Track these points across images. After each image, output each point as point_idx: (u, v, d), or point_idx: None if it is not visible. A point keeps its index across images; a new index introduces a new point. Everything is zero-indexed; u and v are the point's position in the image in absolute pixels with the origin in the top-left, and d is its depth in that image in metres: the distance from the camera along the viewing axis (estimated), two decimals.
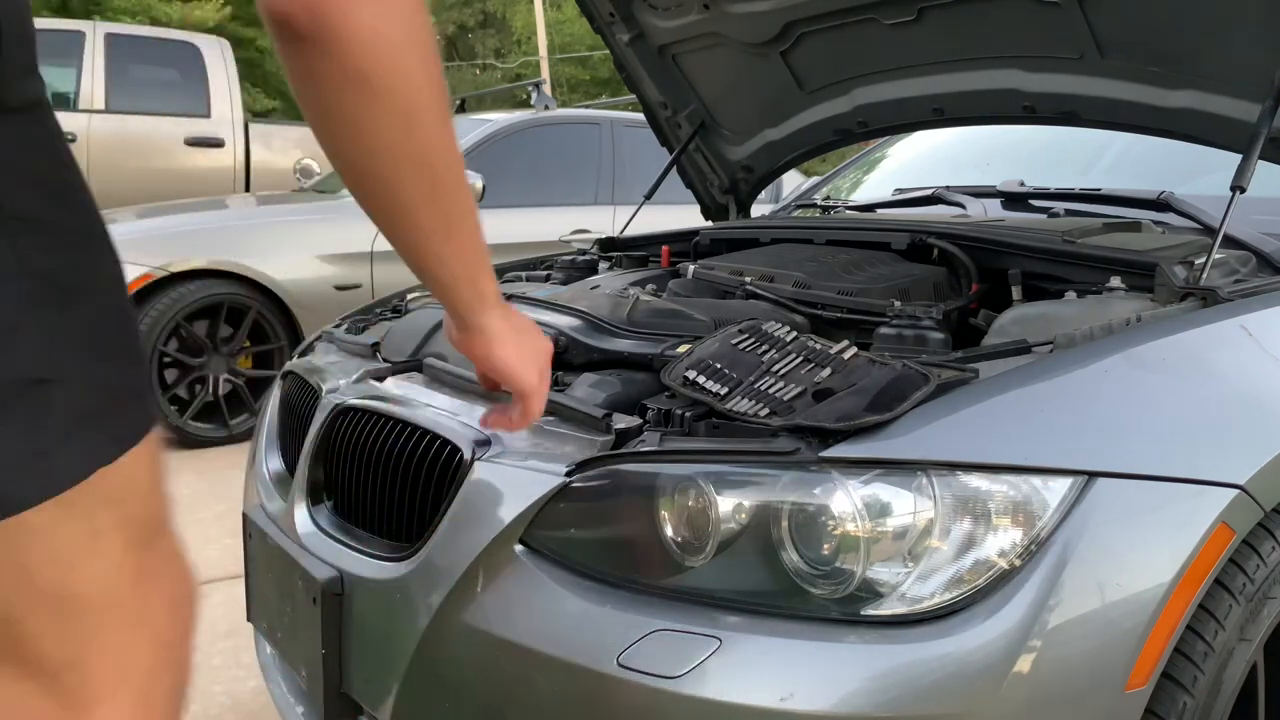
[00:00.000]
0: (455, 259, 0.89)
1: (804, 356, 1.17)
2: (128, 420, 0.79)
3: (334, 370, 1.62)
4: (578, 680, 1.01)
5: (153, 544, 0.83)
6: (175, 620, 0.86)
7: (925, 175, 2.53)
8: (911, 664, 0.94)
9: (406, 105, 0.77)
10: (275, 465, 1.68)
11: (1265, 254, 1.54)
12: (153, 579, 0.83)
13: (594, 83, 22.28)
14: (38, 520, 0.72)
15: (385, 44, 0.74)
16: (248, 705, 2.03)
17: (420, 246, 0.87)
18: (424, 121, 0.79)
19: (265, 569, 1.51)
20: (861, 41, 2.08)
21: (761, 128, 2.48)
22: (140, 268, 3.90)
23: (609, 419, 1.16)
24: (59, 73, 6.01)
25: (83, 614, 0.77)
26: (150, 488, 0.83)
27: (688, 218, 2.56)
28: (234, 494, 3.16)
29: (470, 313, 0.94)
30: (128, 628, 0.80)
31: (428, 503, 1.24)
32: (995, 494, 0.99)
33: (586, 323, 1.46)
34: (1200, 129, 1.76)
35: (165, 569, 0.85)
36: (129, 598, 0.80)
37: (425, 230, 0.85)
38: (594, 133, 5.34)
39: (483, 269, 0.92)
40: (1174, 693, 1.03)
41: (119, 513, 0.78)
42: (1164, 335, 1.19)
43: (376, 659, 1.23)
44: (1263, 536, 1.11)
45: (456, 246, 0.88)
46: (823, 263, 1.73)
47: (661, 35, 2.33)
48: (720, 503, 1.02)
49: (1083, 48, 1.81)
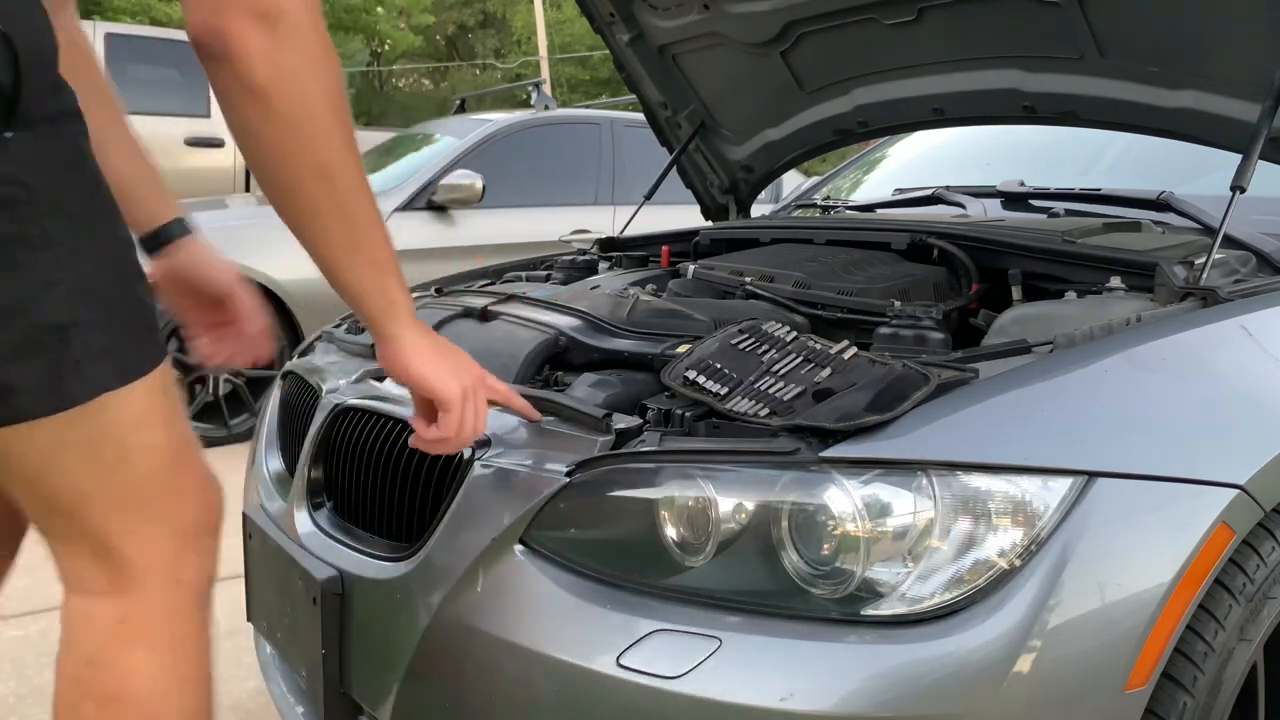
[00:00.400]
0: (362, 268, 0.99)
1: (804, 357, 1.17)
2: (133, 355, 0.95)
3: (334, 370, 1.62)
4: (578, 680, 1.01)
5: (176, 464, 1.01)
6: (198, 518, 1.05)
7: (925, 175, 2.53)
8: (911, 664, 0.94)
9: (302, 119, 0.90)
10: (275, 465, 1.68)
11: (1265, 254, 1.54)
12: (177, 491, 1.02)
13: (594, 83, 22.28)
14: (70, 434, 0.91)
15: (278, 65, 0.87)
16: (247, 705, 2.03)
17: (328, 254, 0.97)
18: (320, 134, 0.91)
19: (265, 569, 1.51)
20: (861, 41, 2.08)
21: (761, 128, 2.48)
22: None
23: (609, 419, 1.16)
24: None
25: (121, 508, 0.97)
26: (167, 416, 1.00)
27: (688, 218, 2.55)
28: (234, 494, 3.16)
29: (380, 322, 1.02)
30: (156, 525, 1.00)
31: (428, 503, 1.24)
32: (995, 494, 0.99)
33: (586, 323, 1.46)
34: (1200, 129, 1.76)
35: (189, 483, 1.04)
36: (156, 500, 0.99)
37: (331, 238, 0.96)
38: (594, 133, 5.35)
39: (390, 279, 1.01)
40: (1174, 693, 1.03)
41: (138, 436, 0.96)
42: (1164, 335, 1.19)
43: (376, 659, 1.23)
44: (1263, 536, 1.11)
45: (363, 258, 0.98)
46: (823, 263, 1.73)
47: (661, 35, 2.33)
48: (720, 503, 1.02)
49: (1083, 48, 1.81)
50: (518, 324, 1.51)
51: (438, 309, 1.71)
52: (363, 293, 1.00)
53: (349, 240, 0.96)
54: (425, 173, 4.75)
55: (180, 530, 1.03)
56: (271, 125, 0.89)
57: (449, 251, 4.50)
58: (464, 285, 1.98)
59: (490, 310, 1.60)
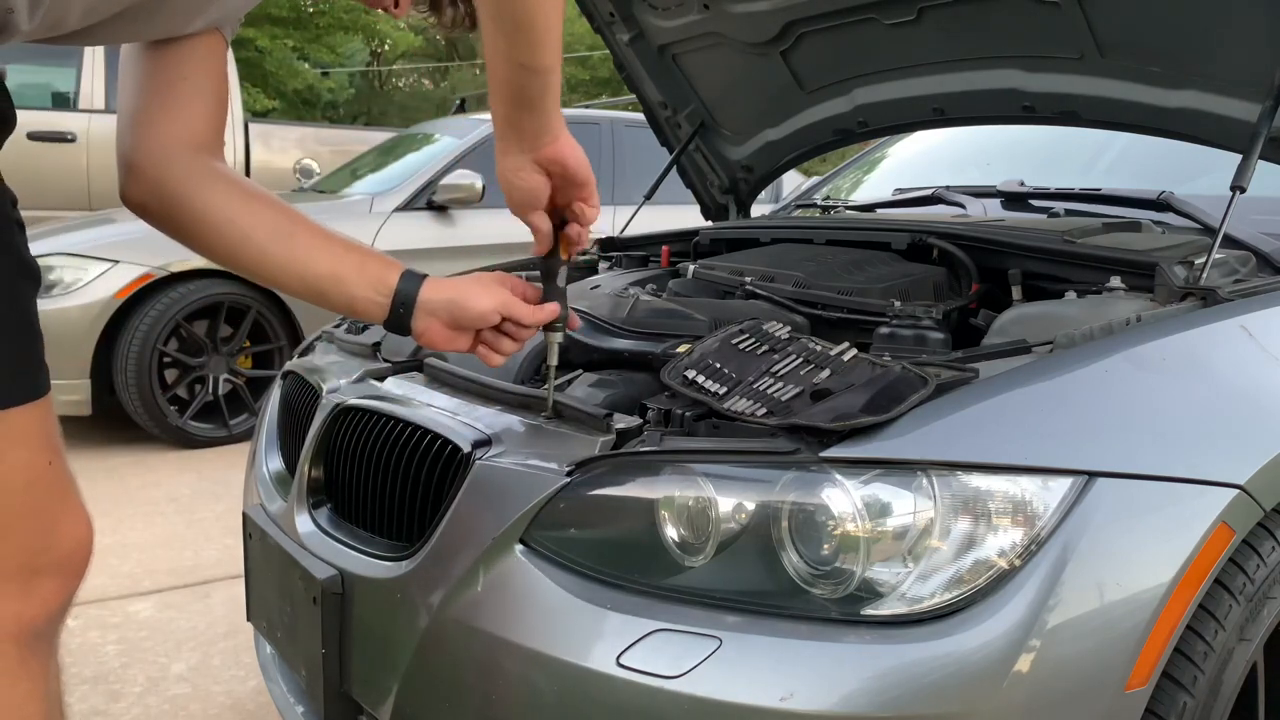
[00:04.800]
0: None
1: (803, 357, 1.17)
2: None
3: (334, 370, 1.62)
4: (578, 680, 1.01)
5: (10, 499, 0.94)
6: (21, 560, 0.96)
7: (925, 175, 2.53)
8: (911, 664, 0.94)
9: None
10: (275, 465, 1.68)
11: (1265, 254, 1.54)
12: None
13: (594, 83, 22.26)
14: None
15: None
16: (247, 705, 2.03)
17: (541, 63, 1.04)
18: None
19: (265, 569, 1.51)
20: (861, 41, 2.08)
21: (761, 128, 2.48)
22: (140, 268, 3.90)
23: (609, 419, 1.16)
24: (59, 73, 6.01)
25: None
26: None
27: (688, 218, 2.56)
28: (234, 494, 3.17)
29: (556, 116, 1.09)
30: None
31: (428, 502, 1.24)
32: (995, 494, 0.99)
33: (586, 323, 1.46)
34: (1200, 129, 1.76)
35: (17, 523, 0.96)
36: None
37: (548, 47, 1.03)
38: (594, 133, 5.34)
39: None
40: (1174, 693, 1.03)
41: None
42: (1164, 335, 1.19)
43: (376, 659, 1.23)
44: (1263, 536, 1.11)
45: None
46: (823, 263, 1.73)
47: (661, 35, 2.33)
48: (720, 503, 1.02)
49: (1083, 48, 1.81)
50: None
51: None
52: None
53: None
54: (425, 173, 4.75)
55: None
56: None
57: (449, 251, 4.50)
58: None
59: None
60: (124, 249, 3.93)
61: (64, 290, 3.83)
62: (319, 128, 8.60)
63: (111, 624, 2.40)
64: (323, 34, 17.33)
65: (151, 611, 2.48)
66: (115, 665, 2.18)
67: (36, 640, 0.98)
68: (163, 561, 2.82)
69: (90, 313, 3.82)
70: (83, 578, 1.02)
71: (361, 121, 20.94)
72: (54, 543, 0.98)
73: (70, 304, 3.81)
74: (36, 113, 5.74)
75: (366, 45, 22.26)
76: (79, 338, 3.80)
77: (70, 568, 1.00)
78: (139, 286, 3.89)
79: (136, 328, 3.90)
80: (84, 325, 3.81)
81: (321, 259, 1.15)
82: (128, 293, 3.88)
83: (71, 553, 1.00)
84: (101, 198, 5.70)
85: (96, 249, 3.94)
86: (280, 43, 16.21)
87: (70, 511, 1.00)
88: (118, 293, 3.87)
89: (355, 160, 5.73)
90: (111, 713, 1.99)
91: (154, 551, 2.91)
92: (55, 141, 5.79)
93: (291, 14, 16.23)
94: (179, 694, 2.07)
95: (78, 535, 1.01)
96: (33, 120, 5.59)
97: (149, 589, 2.62)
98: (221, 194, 1.13)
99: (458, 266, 2.55)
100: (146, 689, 2.09)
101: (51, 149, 5.77)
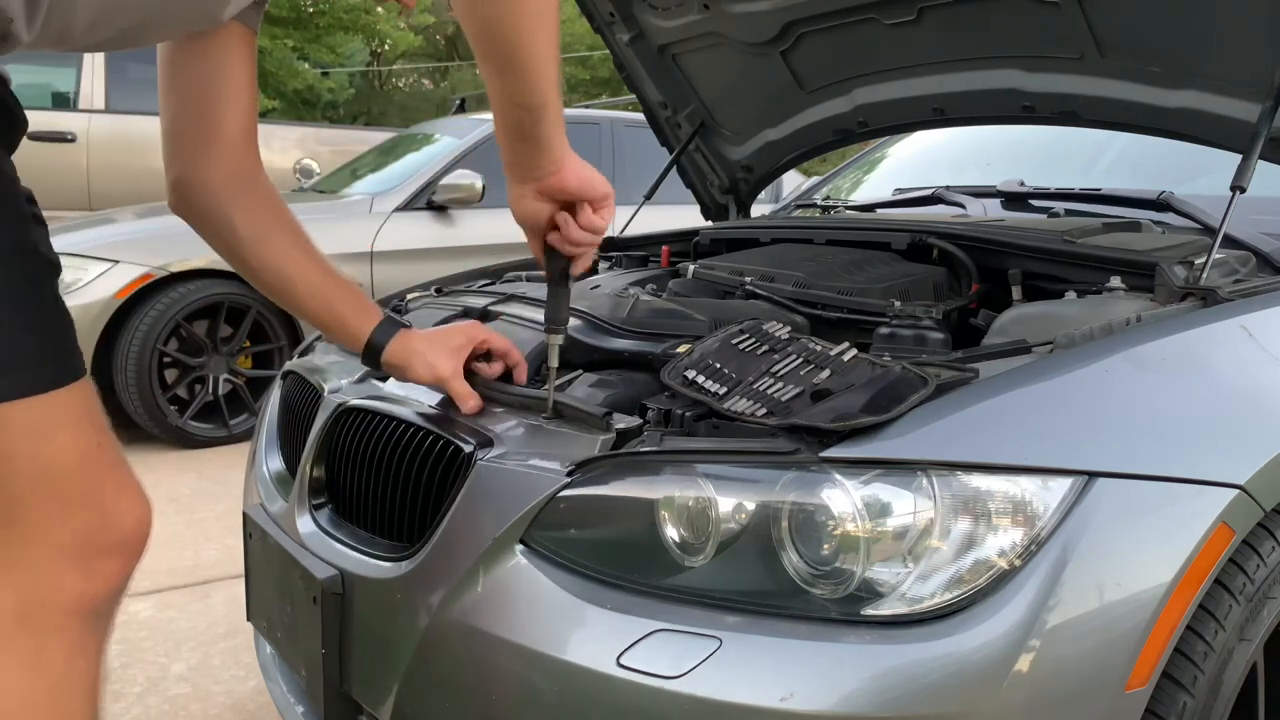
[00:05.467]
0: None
1: (803, 357, 1.17)
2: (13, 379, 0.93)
3: (335, 370, 1.62)
4: (578, 680, 1.01)
5: (65, 479, 0.97)
6: (87, 538, 1.00)
7: (925, 175, 2.53)
8: (912, 664, 0.94)
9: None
10: (275, 465, 1.68)
11: (1265, 254, 1.54)
12: (64, 504, 0.98)
13: (594, 83, 22.26)
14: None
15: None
16: (247, 705, 2.03)
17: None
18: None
19: (265, 569, 1.51)
20: (861, 41, 2.08)
21: (761, 128, 2.48)
22: (140, 268, 3.90)
23: (609, 419, 1.16)
24: (59, 73, 6.02)
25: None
26: (68, 429, 0.97)
27: (688, 218, 2.56)
28: (234, 494, 3.17)
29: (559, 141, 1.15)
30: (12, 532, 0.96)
31: (428, 503, 1.24)
32: (995, 494, 0.99)
33: (586, 323, 1.46)
34: (1200, 129, 1.76)
35: (84, 499, 0.99)
36: (28, 509, 0.96)
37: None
38: (594, 133, 5.34)
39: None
40: (1174, 693, 1.03)
41: (24, 445, 0.93)
42: (1164, 335, 1.19)
43: (376, 659, 1.23)
44: (1263, 536, 1.11)
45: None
46: (823, 263, 1.73)
47: (661, 35, 2.33)
48: (720, 503, 1.03)
49: (1083, 48, 1.81)
50: (518, 324, 1.51)
51: (438, 309, 1.72)
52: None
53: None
54: (425, 173, 4.75)
55: (57, 545, 0.97)
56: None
57: (449, 251, 4.50)
58: (464, 285, 1.98)
59: (490, 310, 1.60)
60: (124, 249, 3.94)
61: (64, 290, 3.81)
62: (319, 128, 8.59)
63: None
64: (323, 34, 17.32)
65: (151, 611, 2.48)
66: (115, 665, 2.18)
67: (97, 619, 1.01)
68: (163, 561, 2.82)
69: (90, 313, 3.82)
70: (140, 557, 1.05)
71: (361, 121, 20.94)
72: (112, 522, 1.01)
73: (70, 304, 3.73)
74: (36, 113, 5.71)
75: (366, 45, 22.24)
76: (79, 338, 3.80)
77: (130, 547, 1.04)
78: (139, 286, 3.90)
79: (136, 328, 3.90)
80: (84, 325, 3.81)
81: (331, 300, 1.34)
82: (128, 293, 3.88)
83: (131, 531, 1.03)
84: (101, 198, 5.70)
85: (96, 249, 3.94)
86: (280, 43, 16.20)
87: (127, 490, 1.03)
88: (118, 293, 3.87)
89: (355, 160, 5.73)
90: (111, 713, 1.99)
91: (154, 551, 2.88)
92: (55, 141, 5.79)
93: (291, 14, 16.22)
94: (179, 694, 2.07)
95: (136, 514, 1.04)
96: (32, 120, 5.52)
97: (149, 589, 2.62)
98: (277, 250, 1.29)
99: (458, 266, 2.55)
100: (146, 689, 2.09)
101: (51, 149, 5.77)
